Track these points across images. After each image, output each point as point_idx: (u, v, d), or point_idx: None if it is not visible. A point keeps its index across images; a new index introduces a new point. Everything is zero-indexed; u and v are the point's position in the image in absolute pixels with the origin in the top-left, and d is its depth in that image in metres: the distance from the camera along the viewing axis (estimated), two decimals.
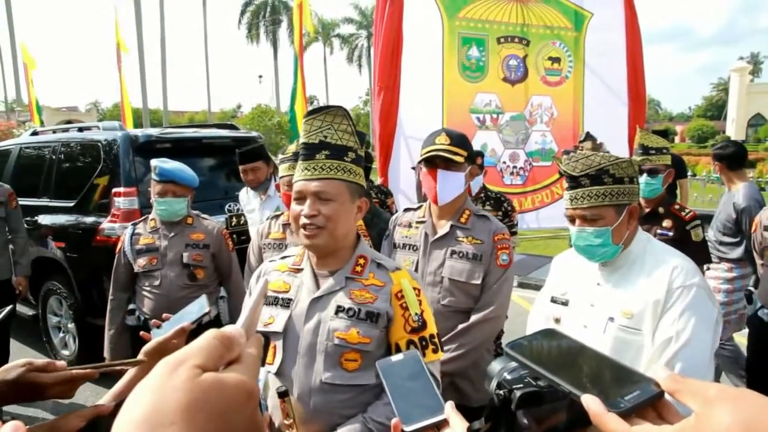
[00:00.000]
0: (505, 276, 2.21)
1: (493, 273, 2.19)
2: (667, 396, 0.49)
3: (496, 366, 0.61)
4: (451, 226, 2.25)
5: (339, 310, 1.49)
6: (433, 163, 2.20)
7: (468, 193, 3.42)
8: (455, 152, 2.17)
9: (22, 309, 5.04)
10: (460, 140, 2.23)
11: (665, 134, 3.15)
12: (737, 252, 3.73)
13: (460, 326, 2.18)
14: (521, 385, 0.57)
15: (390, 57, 5.68)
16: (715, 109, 59.98)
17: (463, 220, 2.26)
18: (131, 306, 3.03)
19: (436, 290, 2.22)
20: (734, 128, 40.02)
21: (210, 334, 0.45)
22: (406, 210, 2.49)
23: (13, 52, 22.37)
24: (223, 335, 0.45)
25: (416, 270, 2.26)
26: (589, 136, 5.76)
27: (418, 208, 2.43)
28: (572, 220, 1.74)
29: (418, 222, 2.36)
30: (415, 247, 2.31)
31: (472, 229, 2.24)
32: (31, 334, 5.04)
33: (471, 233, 2.23)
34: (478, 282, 2.18)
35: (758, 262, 3.17)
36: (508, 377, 0.59)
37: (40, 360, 0.95)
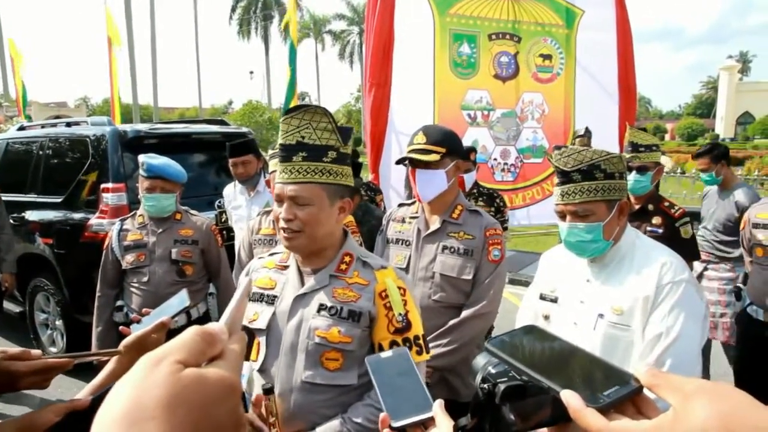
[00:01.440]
0: (496, 272, 2.20)
1: (484, 268, 2.19)
2: (646, 391, 0.49)
3: (480, 360, 0.61)
4: (443, 221, 2.25)
5: (321, 308, 1.47)
6: (414, 162, 2.21)
7: (461, 188, 3.43)
8: (429, 150, 2.17)
9: (9, 306, 4.99)
10: (437, 137, 2.21)
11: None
12: (739, 250, 3.69)
13: (451, 322, 2.17)
14: (505, 379, 0.57)
15: (381, 53, 5.66)
16: (705, 107, 60.51)
17: (455, 215, 2.25)
18: (119, 303, 3.00)
19: (427, 285, 2.21)
20: (723, 126, 40.41)
21: (192, 330, 0.45)
22: (401, 205, 2.49)
23: None
24: (205, 331, 0.46)
25: (408, 265, 2.26)
26: (587, 132, 5.81)
27: (412, 203, 2.42)
28: (562, 216, 1.73)
29: (411, 217, 2.36)
30: (407, 242, 2.31)
31: (464, 224, 2.24)
32: (18, 331, 4.99)
33: (462, 228, 2.22)
34: (469, 277, 2.18)
35: (746, 259, 3.20)
36: (493, 371, 0.59)
37: (14, 348, 0.94)
